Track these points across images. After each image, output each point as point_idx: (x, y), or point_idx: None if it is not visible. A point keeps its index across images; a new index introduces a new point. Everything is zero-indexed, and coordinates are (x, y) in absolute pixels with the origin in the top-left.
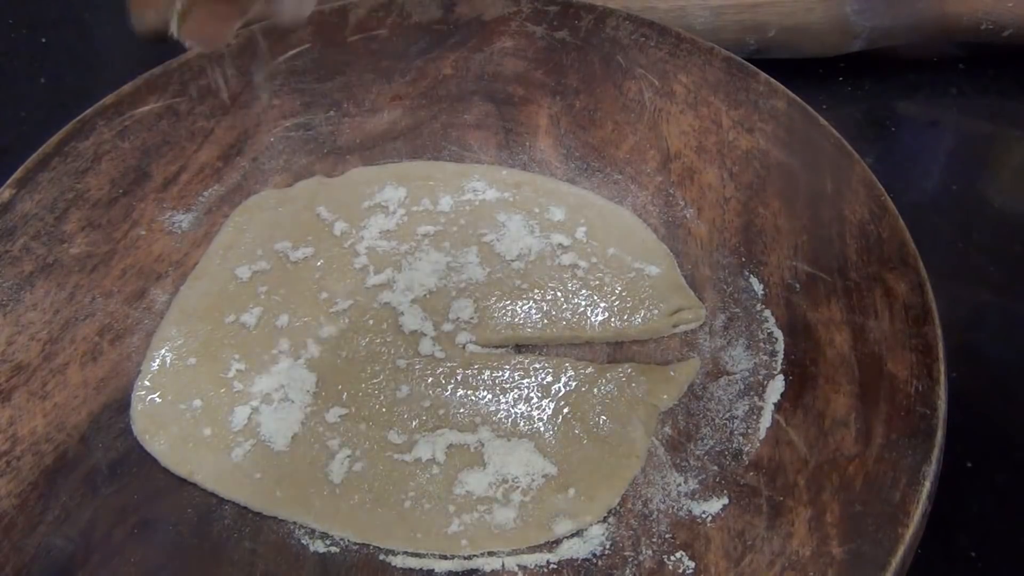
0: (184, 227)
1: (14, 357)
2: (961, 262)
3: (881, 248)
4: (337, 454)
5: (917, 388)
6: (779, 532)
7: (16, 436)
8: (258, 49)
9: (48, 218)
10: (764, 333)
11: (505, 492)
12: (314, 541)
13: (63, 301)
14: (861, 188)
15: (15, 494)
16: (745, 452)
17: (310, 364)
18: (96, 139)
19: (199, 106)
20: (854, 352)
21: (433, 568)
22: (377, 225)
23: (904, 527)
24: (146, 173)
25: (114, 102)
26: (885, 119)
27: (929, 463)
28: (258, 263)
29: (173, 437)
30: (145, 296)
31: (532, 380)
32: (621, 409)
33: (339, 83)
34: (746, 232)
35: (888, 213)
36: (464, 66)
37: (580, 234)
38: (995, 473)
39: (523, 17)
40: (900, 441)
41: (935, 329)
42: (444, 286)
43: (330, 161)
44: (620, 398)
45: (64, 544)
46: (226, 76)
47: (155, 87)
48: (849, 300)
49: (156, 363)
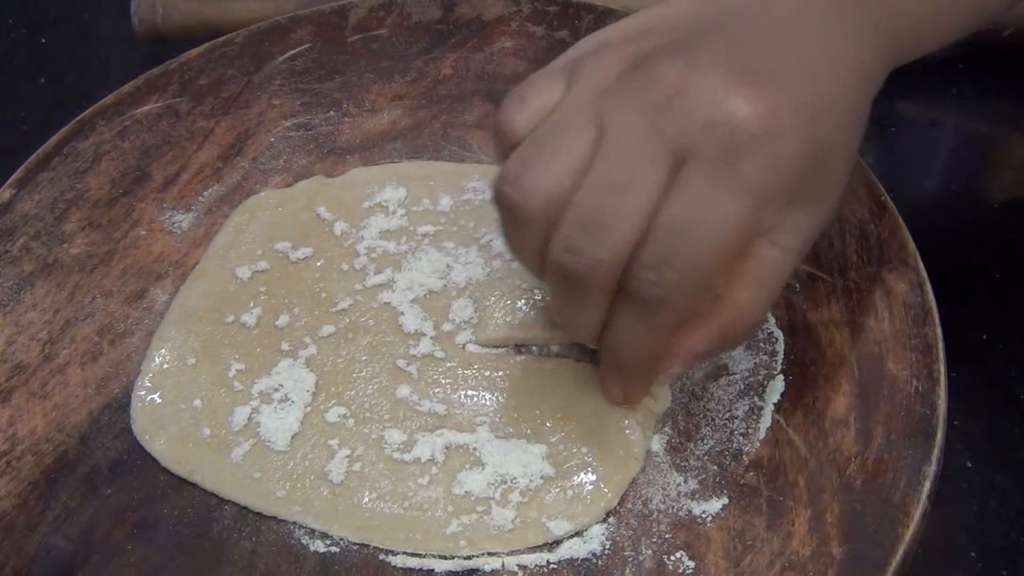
0: (184, 227)
1: (14, 357)
2: (961, 262)
3: (881, 248)
4: (337, 454)
5: (917, 388)
6: (779, 532)
7: (16, 436)
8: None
9: (48, 218)
10: (764, 333)
11: (504, 493)
12: (314, 541)
13: (63, 301)
14: (861, 188)
15: (15, 494)
16: (745, 452)
17: (310, 364)
18: (96, 139)
19: (199, 106)
20: (854, 352)
21: (433, 568)
22: (377, 225)
23: (904, 527)
24: (146, 173)
25: (114, 102)
26: (885, 119)
27: (929, 463)
28: (258, 263)
29: (173, 437)
30: (145, 296)
31: (532, 380)
32: (620, 410)
33: (339, 83)
34: None
35: (888, 213)
36: (464, 66)
37: None
38: (995, 473)
39: (523, 17)
40: (900, 441)
41: (935, 329)
42: (444, 286)
43: (330, 161)
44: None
45: (64, 544)
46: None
47: (155, 87)
48: (849, 300)
49: (156, 363)
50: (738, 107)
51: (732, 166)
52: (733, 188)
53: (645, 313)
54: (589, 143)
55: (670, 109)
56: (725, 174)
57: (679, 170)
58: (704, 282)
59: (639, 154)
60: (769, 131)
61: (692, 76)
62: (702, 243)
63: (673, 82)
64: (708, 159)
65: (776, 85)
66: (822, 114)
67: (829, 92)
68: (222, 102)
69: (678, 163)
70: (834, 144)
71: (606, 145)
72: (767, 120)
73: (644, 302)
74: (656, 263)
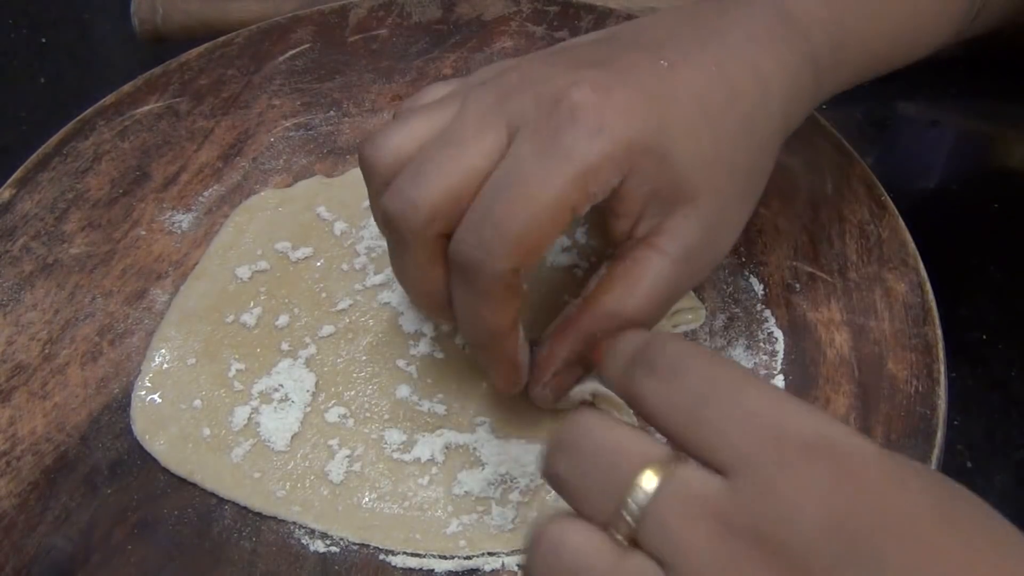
0: (184, 227)
1: (14, 357)
2: (961, 262)
3: (881, 248)
4: (337, 454)
5: (917, 388)
6: None
7: (16, 436)
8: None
9: (48, 218)
10: (764, 333)
11: (504, 492)
12: (314, 541)
13: (63, 301)
14: (861, 188)
15: (15, 494)
16: None
17: (310, 364)
18: (96, 139)
19: (199, 106)
20: (854, 352)
21: (433, 568)
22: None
23: None
24: (146, 173)
25: (114, 102)
26: (885, 119)
27: (929, 463)
28: (258, 263)
29: (173, 437)
30: (145, 296)
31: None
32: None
33: (339, 83)
34: (746, 232)
35: (888, 213)
36: (464, 66)
37: (579, 235)
38: (995, 473)
39: (523, 17)
40: (900, 441)
41: (935, 329)
42: None
43: (330, 161)
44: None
45: (64, 544)
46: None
47: (155, 87)
48: (849, 300)
49: (156, 363)
50: (567, 82)
51: (555, 134)
52: (554, 155)
53: (469, 280)
54: (447, 117)
55: (516, 90)
56: (548, 141)
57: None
58: (521, 245)
59: (477, 121)
60: (592, 103)
61: (544, 68)
62: (518, 203)
63: (528, 71)
64: (534, 127)
65: (614, 72)
66: (662, 103)
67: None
68: (222, 102)
69: (512, 134)
70: (677, 137)
71: (455, 117)
72: (591, 94)
73: (466, 267)
74: (476, 225)
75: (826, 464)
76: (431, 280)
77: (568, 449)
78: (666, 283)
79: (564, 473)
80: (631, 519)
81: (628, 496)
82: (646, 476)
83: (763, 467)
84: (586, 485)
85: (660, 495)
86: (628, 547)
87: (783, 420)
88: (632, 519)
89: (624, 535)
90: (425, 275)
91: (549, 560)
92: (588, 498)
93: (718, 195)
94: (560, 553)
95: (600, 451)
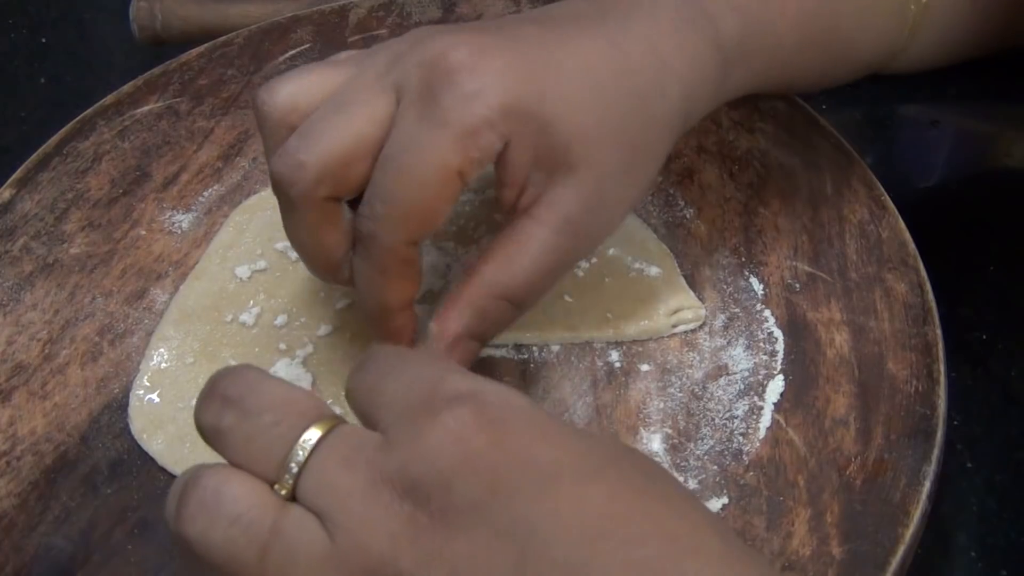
0: (184, 227)
1: (14, 357)
2: (961, 262)
3: (881, 248)
4: None
5: (917, 388)
6: (779, 532)
7: (16, 436)
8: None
9: (48, 218)
10: (764, 333)
11: None
12: None
13: (63, 301)
14: (861, 188)
15: (15, 494)
16: (745, 452)
17: (307, 363)
18: (96, 139)
19: (199, 106)
20: (854, 352)
21: None
22: None
23: (904, 527)
24: (146, 173)
25: (114, 102)
26: (885, 119)
27: (929, 463)
28: (258, 263)
29: (171, 436)
30: (145, 296)
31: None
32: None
33: None
34: (746, 232)
35: (888, 213)
36: None
37: None
38: (995, 473)
39: None
40: (900, 441)
41: (935, 329)
42: (444, 286)
43: None
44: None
45: (64, 544)
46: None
47: (155, 87)
48: (849, 300)
49: (154, 362)
50: (447, 44)
51: (433, 97)
52: (433, 120)
53: (364, 251)
54: (342, 79)
55: (403, 54)
56: (427, 106)
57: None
58: (410, 215)
59: (366, 87)
60: (468, 65)
61: (434, 33)
62: (404, 172)
63: (419, 36)
64: (415, 93)
65: (499, 38)
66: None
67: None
68: (222, 102)
69: (399, 99)
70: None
71: (348, 80)
72: (468, 56)
73: (362, 238)
74: (371, 197)
75: (469, 410)
76: (321, 244)
77: (233, 403)
78: (544, 253)
79: (227, 426)
80: (290, 477)
81: (290, 453)
82: (309, 432)
83: (414, 419)
84: (249, 439)
85: (319, 448)
86: (289, 502)
87: (440, 380)
88: (291, 477)
89: (286, 492)
90: (314, 238)
91: (208, 507)
92: (250, 452)
93: (599, 167)
94: (219, 502)
95: (267, 408)
